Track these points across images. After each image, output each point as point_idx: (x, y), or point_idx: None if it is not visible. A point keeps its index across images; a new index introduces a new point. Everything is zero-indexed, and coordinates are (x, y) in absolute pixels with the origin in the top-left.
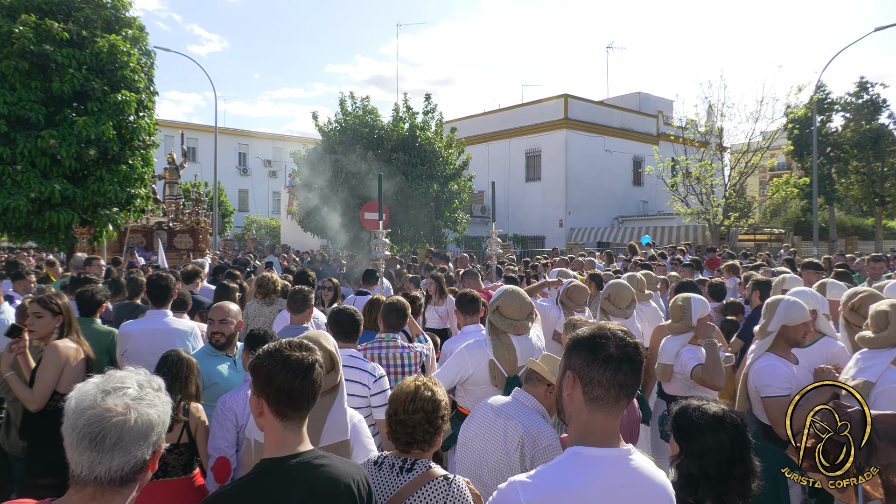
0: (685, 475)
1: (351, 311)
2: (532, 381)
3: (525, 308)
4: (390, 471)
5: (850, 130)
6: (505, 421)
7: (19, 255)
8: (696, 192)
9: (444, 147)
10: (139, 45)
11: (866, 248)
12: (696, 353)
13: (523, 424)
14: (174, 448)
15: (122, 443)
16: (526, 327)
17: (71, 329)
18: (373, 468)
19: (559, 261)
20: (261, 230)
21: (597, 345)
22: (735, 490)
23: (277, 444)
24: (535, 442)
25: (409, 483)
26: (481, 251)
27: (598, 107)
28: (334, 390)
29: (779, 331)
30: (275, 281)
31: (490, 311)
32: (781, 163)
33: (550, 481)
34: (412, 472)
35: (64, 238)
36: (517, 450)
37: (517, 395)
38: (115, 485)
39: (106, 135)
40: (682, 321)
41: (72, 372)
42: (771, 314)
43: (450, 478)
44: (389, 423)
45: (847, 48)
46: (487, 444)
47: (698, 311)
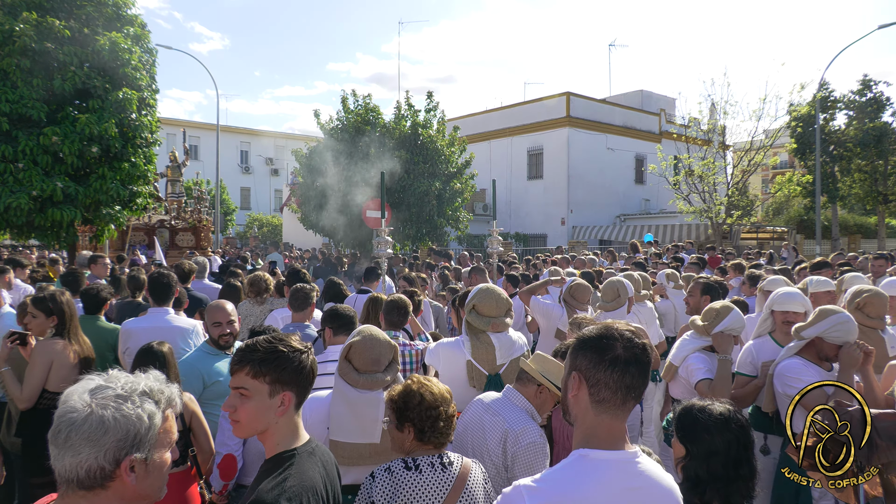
0: (692, 477)
1: (344, 307)
2: (522, 381)
3: (502, 305)
4: (432, 470)
5: (853, 128)
6: (492, 417)
7: (21, 252)
8: (698, 191)
9: (446, 145)
10: (141, 42)
11: (869, 247)
12: (707, 364)
13: (507, 421)
14: None
15: (70, 441)
16: (505, 324)
17: (65, 329)
18: (407, 474)
19: (560, 259)
20: (263, 228)
21: (604, 345)
22: (741, 491)
23: (295, 434)
24: (517, 439)
25: (459, 477)
26: (483, 249)
27: (601, 105)
28: (395, 382)
29: (813, 340)
30: (267, 280)
31: (466, 310)
32: (784, 161)
33: (556, 485)
34: (453, 466)
35: (66, 236)
36: (499, 446)
37: (507, 392)
38: (76, 487)
39: (108, 132)
40: (707, 325)
41: (60, 370)
42: (816, 321)
43: (476, 461)
44: (416, 423)
45: (851, 46)
46: (476, 439)
47: (727, 324)
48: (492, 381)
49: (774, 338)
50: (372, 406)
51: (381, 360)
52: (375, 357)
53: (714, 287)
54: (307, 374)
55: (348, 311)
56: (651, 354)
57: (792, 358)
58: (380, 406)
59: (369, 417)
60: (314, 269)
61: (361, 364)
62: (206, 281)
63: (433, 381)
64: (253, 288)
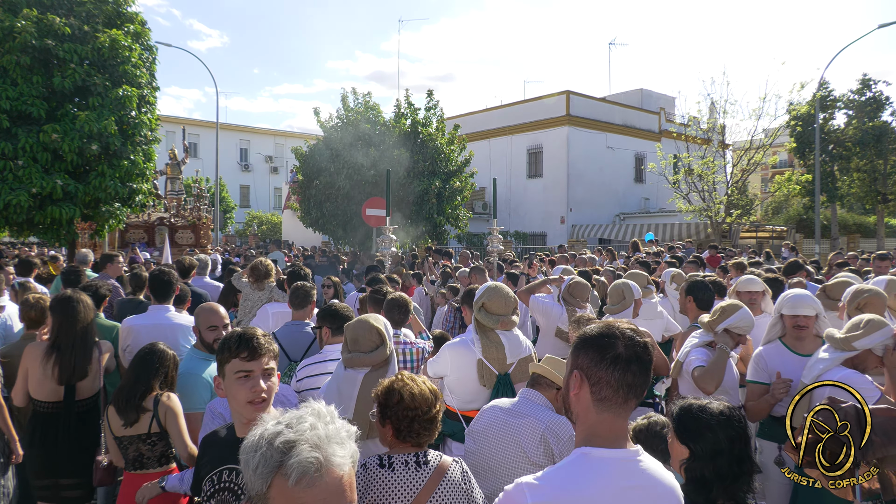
0: (698, 478)
1: (341, 306)
2: (541, 385)
3: (510, 303)
4: (405, 468)
5: (852, 128)
6: (519, 420)
7: (21, 250)
8: (697, 190)
9: (445, 143)
10: (141, 40)
11: (868, 246)
12: (706, 356)
13: (540, 420)
14: (146, 438)
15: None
16: (513, 323)
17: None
18: (380, 471)
19: (559, 258)
20: (262, 226)
21: (605, 344)
22: (745, 487)
23: None
24: (557, 435)
25: (432, 476)
26: (482, 248)
27: (600, 103)
28: (385, 364)
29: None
30: (268, 265)
31: (475, 309)
32: (784, 160)
33: (558, 483)
34: (428, 465)
35: (65, 233)
36: (539, 446)
37: (526, 394)
38: None
39: (108, 130)
40: (713, 321)
41: (35, 376)
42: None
43: (458, 461)
44: (397, 419)
45: (850, 45)
46: (500, 444)
47: (732, 322)
48: (501, 380)
49: (786, 343)
50: (350, 383)
51: (359, 340)
52: (354, 337)
53: (698, 286)
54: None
55: (345, 310)
56: (652, 353)
57: (843, 369)
58: (356, 385)
59: (346, 394)
60: (313, 266)
61: (348, 343)
62: (207, 279)
63: (416, 381)
64: (253, 273)
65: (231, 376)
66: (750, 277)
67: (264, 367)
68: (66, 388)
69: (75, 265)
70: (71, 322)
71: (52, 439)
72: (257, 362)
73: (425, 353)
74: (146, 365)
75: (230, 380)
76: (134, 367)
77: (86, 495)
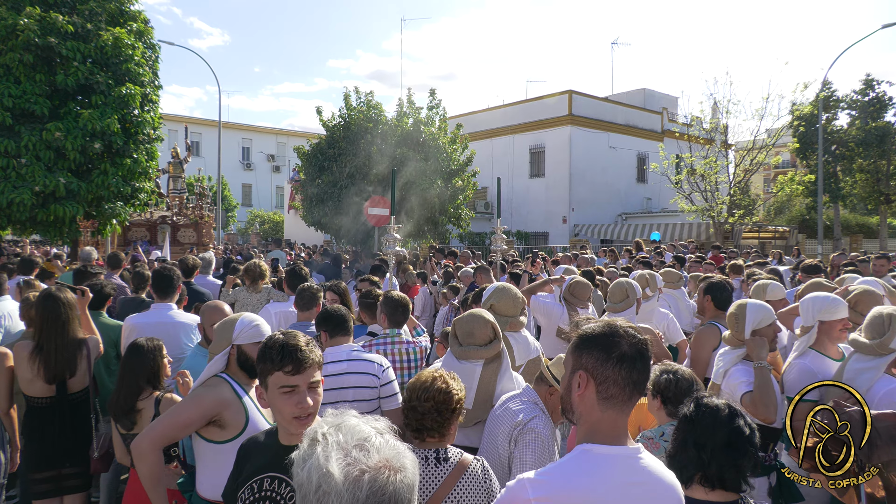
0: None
1: (335, 308)
2: (537, 381)
3: (518, 304)
4: (425, 463)
5: (855, 128)
6: (504, 412)
7: (23, 248)
8: (700, 190)
9: (447, 143)
10: (144, 38)
11: (871, 247)
12: (747, 375)
13: (517, 413)
14: None
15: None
16: (521, 324)
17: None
18: None
19: (563, 257)
20: (264, 224)
21: (610, 343)
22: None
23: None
24: (522, 427)
25: (452, 472)
26: (484, 247)
27: (603, 103)
28: (499, 357)
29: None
30: (262, 267)
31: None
32: (786, 160)
33: (560, 479)
34: (448, 462)
35: (68, 232)
36: (507, 437)
37: (525, 391)
38: None
39: (111, 128)
40: (735, 332)
41: (24, 376)
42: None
43: (480, 460)
44: (404, 410)
45: (854, 45)
46: (489, 433)
47: (753, 321)
48: None
49: (822, 351)
50: (467, 375)
51: (474, 333)
52: (469, 331)
53: (717, 286)
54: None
55: (340, 312)
56: (651, 349)
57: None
58: (474, 376)
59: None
60: (312, 266)
61: (461, 337)
62: (210, 277)
63: (423, 375)
64: (248, 275)
65: (275, 390)
66: (774, 285)
67: (310, 380)
68: (57, 383)
69: (86, 265)
70: (52, 320)
71: (49, 431)
72: (302, 376)
73: (427, 350)
74: (129, 368)
75: (274, 393)
76: (121, 376)
77: (86, 483)
